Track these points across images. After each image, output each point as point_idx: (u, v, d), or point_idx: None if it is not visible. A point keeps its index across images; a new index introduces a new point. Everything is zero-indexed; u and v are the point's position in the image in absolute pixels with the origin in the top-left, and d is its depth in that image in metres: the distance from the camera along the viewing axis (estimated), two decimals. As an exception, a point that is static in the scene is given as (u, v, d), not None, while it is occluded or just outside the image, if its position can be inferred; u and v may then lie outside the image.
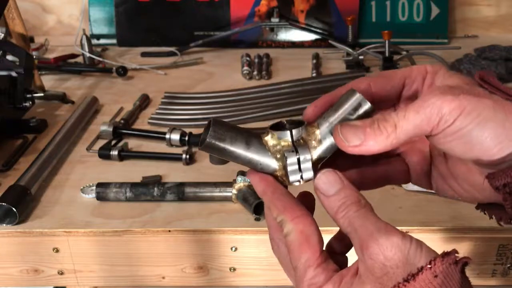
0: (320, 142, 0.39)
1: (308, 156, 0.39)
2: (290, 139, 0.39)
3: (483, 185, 0.37)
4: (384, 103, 0.42)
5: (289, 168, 0.39)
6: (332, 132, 0.39)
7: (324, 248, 0.37)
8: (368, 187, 0.44)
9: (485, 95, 0.36)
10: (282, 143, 0.39)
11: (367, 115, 0.38)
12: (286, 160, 0.39)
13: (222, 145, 0.39)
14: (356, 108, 0.38)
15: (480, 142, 0.35)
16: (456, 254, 0.32)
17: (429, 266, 0.31)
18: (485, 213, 0.41)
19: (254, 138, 0.40)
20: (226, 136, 0.40)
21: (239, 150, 0.40)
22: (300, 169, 0.39)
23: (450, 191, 0.42)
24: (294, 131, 0.39)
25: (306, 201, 0.41)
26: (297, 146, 0.39)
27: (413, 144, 0.44)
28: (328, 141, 0.39)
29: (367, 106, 0.38)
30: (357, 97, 0.38)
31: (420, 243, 0.33)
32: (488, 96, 0.36)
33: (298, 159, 0.39)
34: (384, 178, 0.44)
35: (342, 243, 0.41)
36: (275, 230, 0.40)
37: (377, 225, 0.34)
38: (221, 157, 0.40)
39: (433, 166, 0.43)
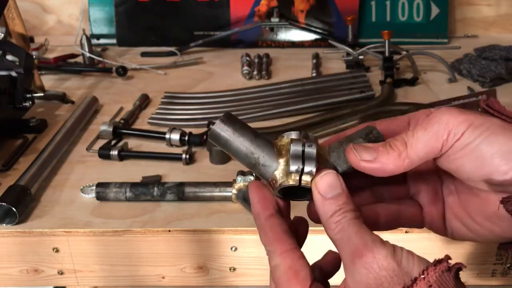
0: (328, 155, 0.39)
1: (314, 149, 0.38)
2: (298, 136, 0.39)
3: (499, 214, 0.36)
4: None
5: (292, 153, 0.38)
6: (343, 153, 0.39)
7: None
8: (381, 227, 0.43)
9: (492, 116, 0.36)
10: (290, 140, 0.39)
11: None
12: (291, 147, 0.38)
13: (231, 130, 0.39)
14: (367, 134, 0.39)
15: (490, 157, 0.35)
16: (449, 260, 0.32)
17: (422, 276, 0.31)
18: (507, 253, 0.40)
19: (262, 136, 0.40)
20: (236, 125, 0.39)
21: (246, 139, 0.39)
22: (303, 158, 0.38)
23: (466, 232, 0.41)
24: (303, 132, 0.39)
25: (299, 229, 0.40)
26: (305, 140, 0.39)
27: (425, 183, 0.43)
28: (337, 160, 0.39)
29: (379, 136, 0.39)
30: (372, 128, 0.39)
31: (411, 253, 0.33)
32: (495, 117, 0.36)
33: (303, 150, 0.38)
34: (397, 218, 0.43)
35: (322, 272, 0.40)
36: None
37: (372, 237, 0.34)
38: (225, 146, 0.39)
39: (446, 206, 0.43)
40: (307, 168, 0.38)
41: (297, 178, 0.38)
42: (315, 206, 0.38)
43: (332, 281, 0.73)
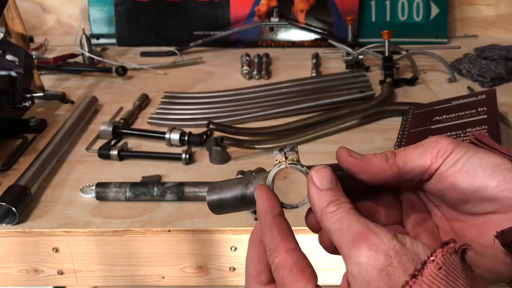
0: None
1: (294, 145, 0.40)
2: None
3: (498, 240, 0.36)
4: None
5: (274, 149, 0.40)
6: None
7: None
8: None
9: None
10: None
11: None
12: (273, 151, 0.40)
13: (219, 186, 0.42)
14: None
15: (482, 169, 0.36)
16: (455, 242, 0.32)
17: (432, 258, 0.31)
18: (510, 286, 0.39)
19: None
20: (222, 182, 0.42)
21: (235, 180, 0.41)
22: (284, 152, 0.39)
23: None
24: (288, 147, 0.41)
25: None
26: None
27: (423, 227, 0.42)
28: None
29: None
30: None
31: (413, 238, 0.33)
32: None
33: (284, 146, 0.40)
34: None
35: None
36: (253, 280, 0.38)
37: (374, 223, 0.33)
38: (223, 201, 0.42)
39: None
40: (288, 147, 0.39)
41: (283, 159, 0.39)
42: (310, 201, 0.37)
43: (331, 280, 0.72)
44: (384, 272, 0.31)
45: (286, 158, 0.39)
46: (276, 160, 0.39)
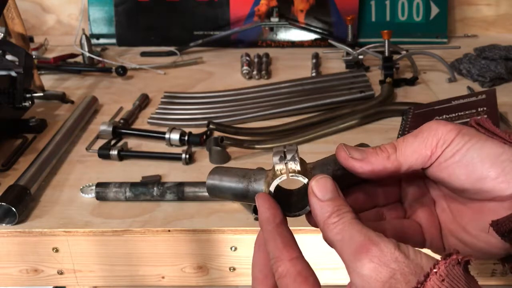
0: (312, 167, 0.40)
1: (295, 147, 0.39)
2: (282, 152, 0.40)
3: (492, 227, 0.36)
4: None
5: (274, 151, 0.39)
6: (331, 163, 0.40)
7: None
8: None
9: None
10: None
11: None
12: (273, 150, 0.40)
13: (222, 172, 0.42)
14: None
15: (480, 162, 0.35)
16: (457, 254, 0.32)
17: (434, 270, 0.31)
18: (504, 266, 0.39)
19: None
20: (225, 168, 0.43)
21: (237, 172, 0.42)
22: (285, 151, 0.39)
23: (462, 247, 0.40)
24: (287, 146, 0.40)
25: None
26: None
27: (420, 204, 0.43)
28: (323, 169, 0.40)
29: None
30: (365, 144, 0.41)
31: (417, 249, 0.33)
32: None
33: (284, 148, 0.40)
34: (402, 235, 0.42)
35: None
36: (260, 283, 0.39)
37: (376, 233, 0.33)
38: (222, 189, 0.42)
39: (441, 225, 0.42)
40: (289, 155, 0.39)
41: (284, 169, 0.39)
42: (312, 211, 0.37)
43: (332, 280, 0.72)
44: (387, 285, 0.31)
45: (286, 164, 0.39)
46: (277, 170, 0.39)
